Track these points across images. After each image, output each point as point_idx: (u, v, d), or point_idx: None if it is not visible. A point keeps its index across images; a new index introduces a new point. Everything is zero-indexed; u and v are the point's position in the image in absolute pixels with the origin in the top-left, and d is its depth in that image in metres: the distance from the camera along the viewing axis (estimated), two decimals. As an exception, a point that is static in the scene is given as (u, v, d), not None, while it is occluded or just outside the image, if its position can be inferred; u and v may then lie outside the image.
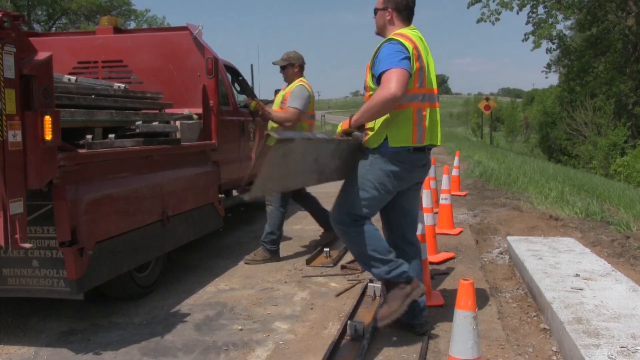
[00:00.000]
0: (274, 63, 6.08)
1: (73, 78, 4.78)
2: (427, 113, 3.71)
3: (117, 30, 6.40)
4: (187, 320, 4.25)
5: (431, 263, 5.31)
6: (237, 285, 5.12)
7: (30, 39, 3.49)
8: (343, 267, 5.56)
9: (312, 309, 4.46)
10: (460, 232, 7.21)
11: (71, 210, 3.61)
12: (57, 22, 38.80)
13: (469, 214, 8.58)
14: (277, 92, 8.35)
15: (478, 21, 30.54)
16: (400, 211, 3.94)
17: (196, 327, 4.11)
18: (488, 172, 13.62)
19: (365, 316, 4.18)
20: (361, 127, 3.74)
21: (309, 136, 3.50)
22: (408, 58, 3.52)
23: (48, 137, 3.32)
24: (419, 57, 3.63)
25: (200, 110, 5.80)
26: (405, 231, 4.00)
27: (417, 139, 3.67)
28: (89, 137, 4.15)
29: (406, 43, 3.57)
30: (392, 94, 3.41)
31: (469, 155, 18.81)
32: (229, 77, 7.35)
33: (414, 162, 3.73)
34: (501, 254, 6.10)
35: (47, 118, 3.31)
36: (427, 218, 5.37)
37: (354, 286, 4.99)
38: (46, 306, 4.44)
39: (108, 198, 4.03)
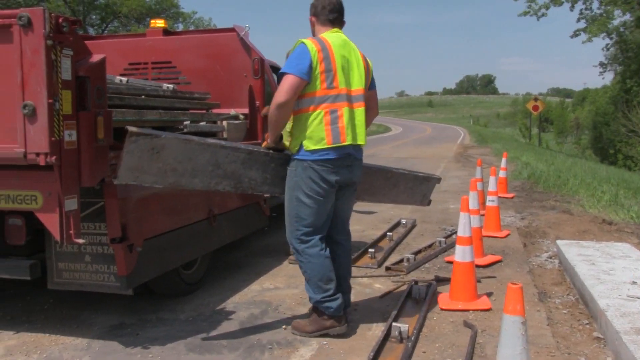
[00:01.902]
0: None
1: (124, 79, 4.89)
2: (343, 113, 3.78)
3: (166, 32, 6.52)
4: (232, 317, 4.30)
5: (477, 266, 5.24)
6: (281, 284, 5.15)
7: (85, 42, 3.59)
8: (388, 268, 5.54)
9: (355, 309, 4.46)
10: (508, 235, 7.09)
11: (122, 208, 3.70)
12: (109, 25, 39.69)
13: (516, 216, 8.44)
14: None
15: (522, 14, 29.64)
16: (330, 213, 4.00)
17: (241, 325, 4.16)
18: (536, 173, 13.36)
19: (409, 319, 4.15)
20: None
21: (188, 137, 3.58)
22: (307, 62, 3.67)
23: (101, 136, 3.42)
24: (324, 59, 3.72)
25: (246, 111, 5.86)
26: (333, 233, 4.10)
27: (332, 139, 3.74)
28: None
29: (311, 46, 3.72)
30: (277, 102, 3.67)
31: (517, 157, 18.48)
32: (275, 77, 7.40)
33: (334, 163, 3.79)
34: (550, 258, 5.98)
35: (100, 118, 3.42)
36: (474, 220, 5.31)
37: (398, 288, 4.96)
38: (97, 300, 4.56)
39: (157, 196, 4.12)
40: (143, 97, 4.60)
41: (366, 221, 8.15)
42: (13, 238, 3.80)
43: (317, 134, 3.74)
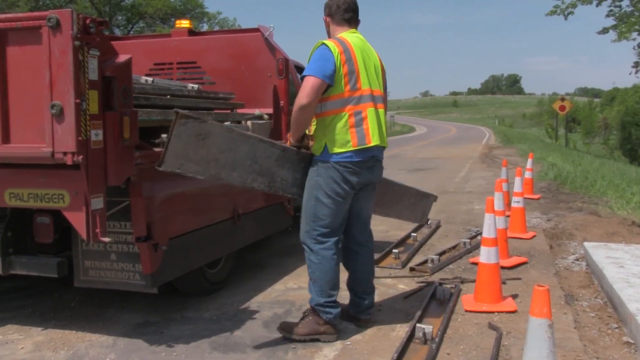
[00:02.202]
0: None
1: (150, 79, 4.93)
2: (367, 114, 3.76)
3: (191, 32, 6.56)
4: (256, 317, 4.31)
5: (503, 267, 5.19)
6: (305, 284, 5.12)
7: (111, 42, 3.62)
8: (412, 269, 5.51)
9: (379, 310, 4.44)
10: (533, 236, 7.01)
11: (147, 207, 3.73)
12: (134, 26, 40.13)
13: (542, 217, 8.34)
14: None
15: (549, 14, 29.16)
16: (351, 213, 4.00)
17: (265, 325, 4.17)
18: (563, 174, 13.19)
19: (433, 320, 4.13)
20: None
21: (232, 127, 3.57)
22: (330, 65, 3.64)
23: (127, 136, 3.45)
24: (347, 61, 3.70)
25: (271, 111, 5.87)
26: (356, 233, 4.07)
27: (358, 141, 3.73)
28: (164, 136, 4.26)
29: (334, 47, 3.69)
30: (300, 104, 3.64)
31: (543, 157, 18.27)
32: (299, 77, 7.40)
33: (358, 165, 3.78)
34: (577, 260, 5.90)
35: (126, 118, 3.45)
36: (499, 221, 5.25)
37: (422, 289, 4.93)
38: (123, 298, 4.60)
39: (181, 196, 4.14)
40: (168, 97, 4.63)
41: (390, 222, 8.09)
42: (41, 236, 3.86)
43: (342, 137, 3.73)
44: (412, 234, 6.91)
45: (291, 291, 4.94)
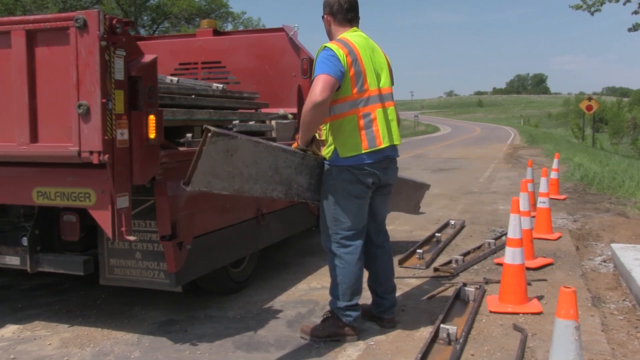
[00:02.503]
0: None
1: (175, 79, 4.97)
2: (376, 115, 3.72)
3: (216, 32, 6.59)
4: (280, 316, 4.32)
5: (528, 269, 5.13)
6: (329, 283, 5.13)
7: (137, 42, 3.65)
8: (436, 269, 5.47)
9: (403, 310, 4.42)
10: (559, 237, 6.92)
11: (172, 206, 3.75)
12: (159, 26, 40.49)
13: (568, 218, 8.24)
14: None
15: (574, 7, 28.61)
16: (367, 215, 3.94)
17: (288, 324, 4.17)
18: (590, 175, 13.01)
19: (458, 321, 4.10)
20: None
21: (258, 140, 3.49)
22: (339, 65, 3.57)
23: (152, 135, 3.48)
24: (353, 62, 3.64)
25: (295, 110, 5.88)
26: (373, 235, 4.04)
27: (368, 144, 3.69)
28: (188, 135, 4.29)
29: (338, 50, 3.61)
30: (313, 101, 3.51)
31: (569, 158, 18.05)
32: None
33: (371, 166, 3.73)
34: (604, 262, 5.81)
35: (151, 117, 3.47)
36: (524, 222, 5.19)
37: (446, 289, 4.90)
38: (147, 296, 4.64)
39: (206, 195, 4.15)
40: (193, 96, 4.66)
41: (414, 222, 8.07)
42: (68, 234, 3.91)
43: (352, 140, 3.69)
44: (437, 234, 6.87)
45: (315, 291, 4.94)
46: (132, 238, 3.48)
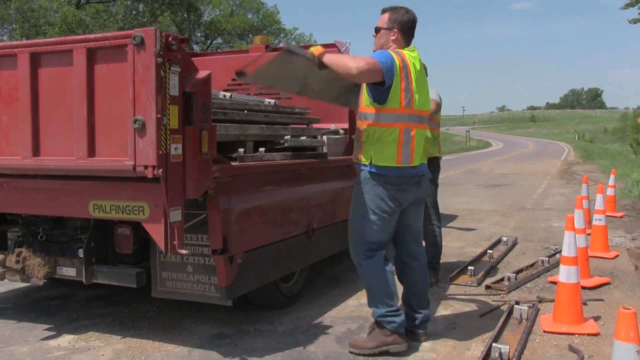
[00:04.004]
0: None
1: (227, 94, 5.03)
2: (415, 134, 3.82)
3: (269, 48, 6.65)
4: (329, 332, 4.29)
5: (583, 288, 4.97)
6: (378, 300, 5.09)
7: (191, 58, 3.72)
8: (488, 287, 5.36)
9: (454, 328, 4.34)
10: (616, 256, 6.70)
11: (223, 220, 3.78)
12: (213, 42, 41.31)
13: (626, 236, 7.97)
14: None
15: (632, 22, 27.88)
16: (402, 227, 4.04)
17: (338, 340, 4.14)
18: (649, 192, 12.59)
19: (510, 340, 3.99)
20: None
21: (308, 57, 3.78)
22: (393, 65, 3.65)
23: (205, 150, 3.52)
24: (405, 77, 3.73)
25: (346, 125, 5.88)
26: (410, 246, 4.11)
27: (402, 159, 3.78)
28: (241, 150, 4.34)
29: (397, 59, 3.71)
30: (354, 67, 3.54)
31: (626, 174, 17.48)
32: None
33: (404, 181, 3.83)
34: (666, 282, 5.59)
35: (205, 132, 3.51)
36: (579, 239, 5.04)
37: (498, 307, 4.79)
38: (198, 309, 4.68)
39: (257, 209, 4.19)
40: (246, 111, 4.71)
41: (466, 238, 7.95)
42: (122, 247, 3.99)
43: (389, 151, 3.76)
44: (488, 250, 6.74)
45: (365, 307, 4.88)
46: (184, 251, 3.52)
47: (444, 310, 4.79)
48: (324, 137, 5.53)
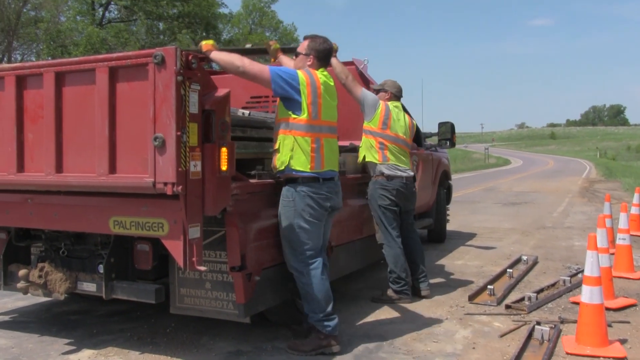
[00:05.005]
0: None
1: (246, 112, 5.06)
2: (324, 142, 4.19)
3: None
4: (347, 350, 4.26)
5: (608, 309, 4.89)
6: (397, 318, 5.07)
7: (210, 76, 3.76)
8: (508, 306, 5.30)
9: (474, 348, 4.29)
10: (642, 276, 6.58)
11: (242, 237, 3.80)
12: (232, 60, 41.73)
13: (651, 257, 7.84)
14: (439, 124, 8.26)
15: None
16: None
17: (355, 358, 4.12)
18: (673, 211, 12.36)
19: (532, 361, 3.94)
20: None
21: (199, 49, 3.99)
22: (292, 82, 4.03)
23: (224, 167, 3.54)
24: (312, 92, 4.10)
25: (364, 142, 5.87)
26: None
27: (314, 166, 4.12)
28: (259, 167, 4.36)
29: (302, 75, 4.11)
30: (240, 65, 3.99)
31: (651, 192, 17.24)
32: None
33: (327, 190, 4.19)
34: (692, 303, 5.48)
35: (224, 150, 3.54)
36: (602, 259, 4.96)
37: (519, 327, 4.73)
38: (215, 325, 4.69)
39: (275, 227, 4.20)
40: (264, 129, 4.73)
41: (485, 257, 7.88)
42: (141, 263, 4.02)
43: (303, 158, 4.11)
44: (508, 269, 6.67)
45: (383, 325, 4.87)
46: (202, 268, 3.54)
47: (463, 329, 4.75)
48: (342, 155, 5.53)
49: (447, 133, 8.04)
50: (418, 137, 7.86)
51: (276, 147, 4.16)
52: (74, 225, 3.96)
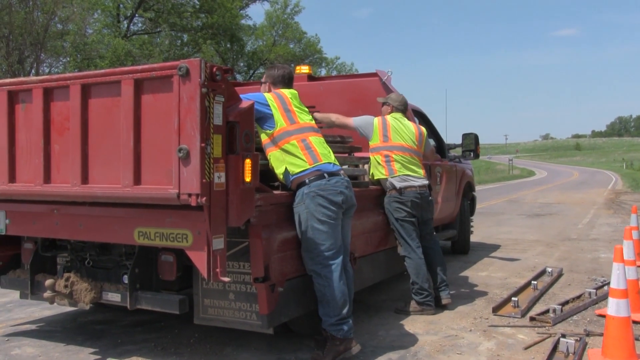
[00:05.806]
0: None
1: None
2: (311, 139, 4.32)
3: (311, 77, 6.73)
4: (370, 362, 4.25)
5: (635, 322, 4.80)
6: (420, 330, 5.03)
7: (234, 88, 3.79)
8: (532, 318, 5.24)
9: (498, 361, 4.25)
10: (670, 289, 6.45)
11: (265, 248, 3.81)
12: (255, 72, 41.93)
13: (680, 269, 7.68)
14: (463, 135, 8.23)
15: None
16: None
17: (379, 371, 4.10)
18: (703, 223, 12.14)
19: (558, 375, 3.88)
20: None
21: None
22: (258, 100, 4.19)
23: (248, 178, 3.55)
24: (281, 104, 4.33)
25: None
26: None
27: (312, 161, 4.22)
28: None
29: (269, 95, 4.39)
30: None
31: (679, 204, 16.97)
32: (417, 121, 7.38)
33: (334, 183, 4.21)
34: None
35: (248, 161, 3.55)
36: (629, 271, 4.88)
37: (544, 340, 4.67)
38: (239, 336, 4.70)
39: (298, 238, 4.20)
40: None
41: (509, 268, 7.80)
42: (165, 273, 4.05)
43: (299, 160, 4.23)
44: (533, 281, 6.59)
45: (406, 337, 4.84)
46: (226, 279, 3.54)
47: (487, 341, 4.70)
48: (366, 166, 5.54)
49: (471, 144, 8.02)
50: (442, 148, 7.86)
51: (270, 166, 4.30)
52: (99, 235, 4.00)
